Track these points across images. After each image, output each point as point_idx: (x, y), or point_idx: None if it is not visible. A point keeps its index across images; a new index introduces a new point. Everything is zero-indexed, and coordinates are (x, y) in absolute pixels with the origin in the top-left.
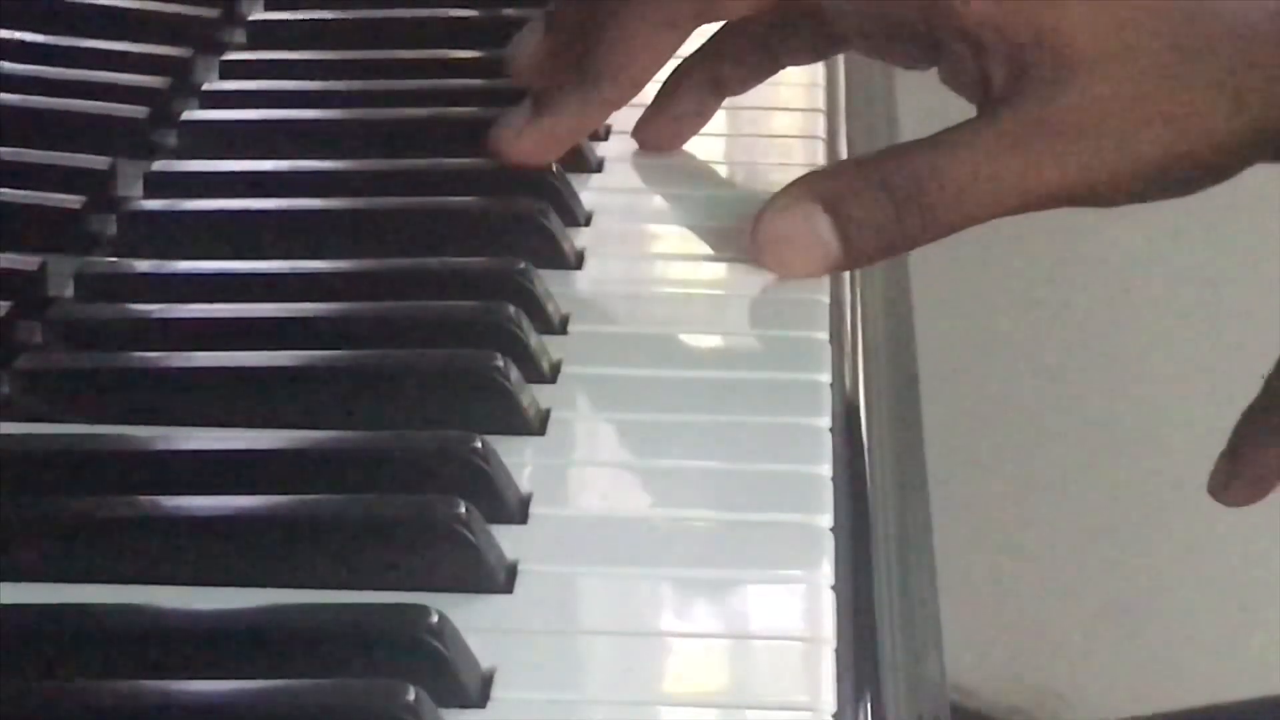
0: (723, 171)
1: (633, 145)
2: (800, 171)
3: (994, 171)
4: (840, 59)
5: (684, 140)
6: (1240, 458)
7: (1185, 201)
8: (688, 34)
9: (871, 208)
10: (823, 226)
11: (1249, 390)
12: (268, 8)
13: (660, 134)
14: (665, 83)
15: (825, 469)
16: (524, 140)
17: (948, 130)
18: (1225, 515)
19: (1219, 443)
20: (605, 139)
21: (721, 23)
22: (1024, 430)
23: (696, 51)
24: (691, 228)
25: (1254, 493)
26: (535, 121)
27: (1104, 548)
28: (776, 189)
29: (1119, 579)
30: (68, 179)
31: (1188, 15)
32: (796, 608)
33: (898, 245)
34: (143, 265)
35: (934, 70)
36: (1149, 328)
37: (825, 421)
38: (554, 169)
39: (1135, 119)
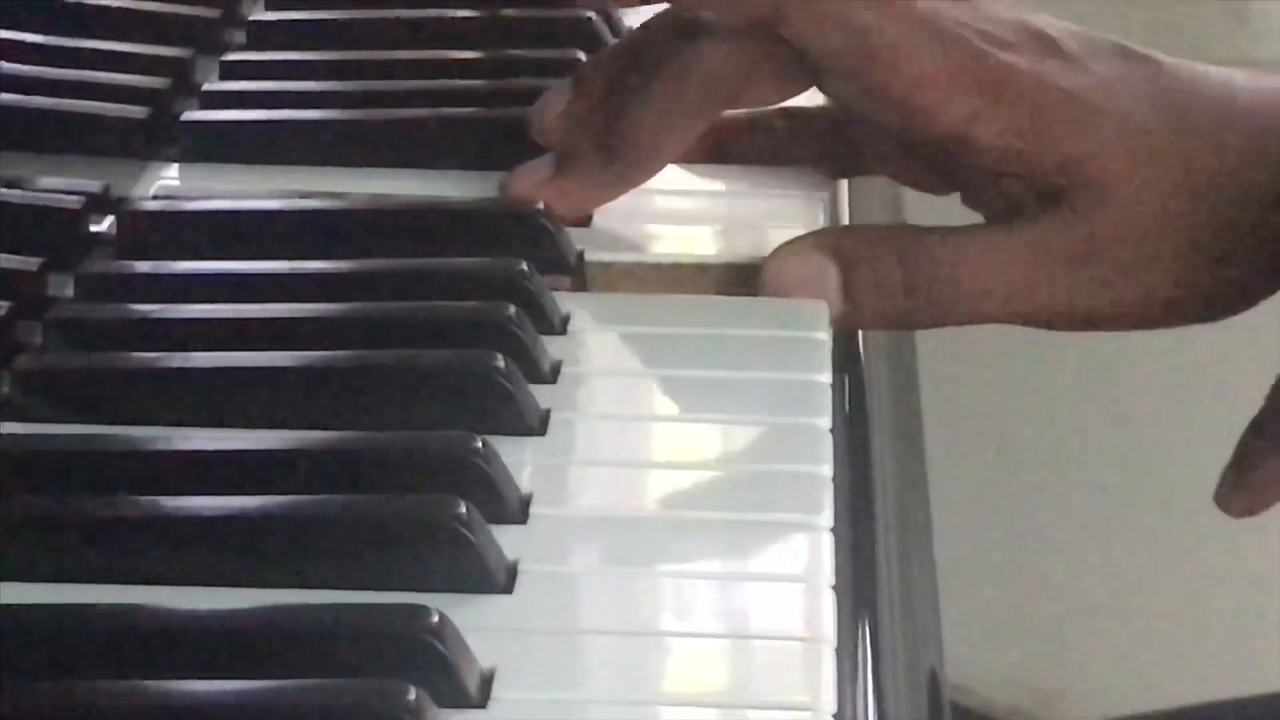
0: (723, 172)
1: None
2: (800, 172)
3: (1010, 278)
4: None
5: None
6: (1245, 469)
7: None
8: (715, 117)
9: (883, 278)
10: (832, 283)
11: (1251, 390)
12: (268, 8)
13: None
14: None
15: (825, 469)
16: (542, 190)
17: (975, 226)
18: (1225, 515)
19: (1219, 443)
20: None
21: None
22: (1024, 430)
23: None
24: (691, 228)
25: (1258, 503)
26: (556, 180)
27: (1104, 548)
28: (777, 188)
29: (1119, 579)
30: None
31: (1200, 151)
32: (796, 608)
33: (894, 321)
34: (143, 265)
35: None
36: None
37: (825, 421)
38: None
39: (1150, 252)
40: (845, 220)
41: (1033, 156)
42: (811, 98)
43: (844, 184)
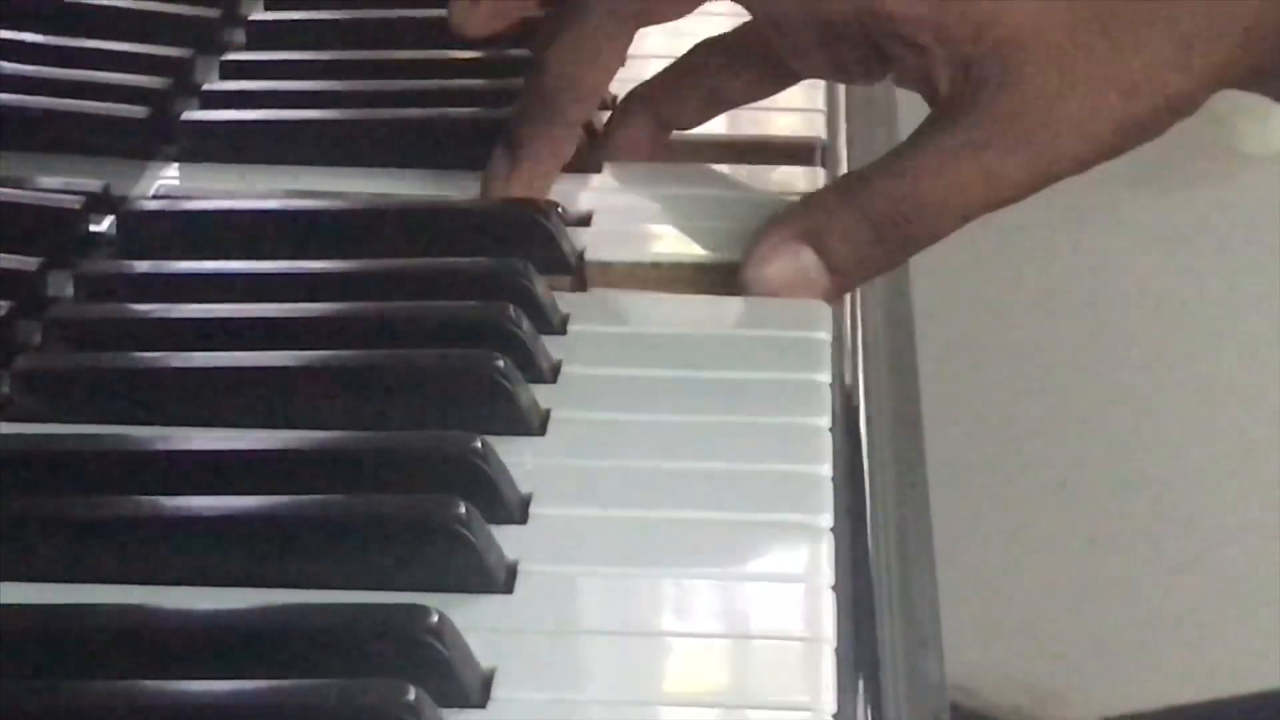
0: (723, 172)
1: None
2: (799, 171)
3: (961, 182)
4: None
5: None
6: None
7: (1188, 203)
8: (629, 40)
9: (854, 238)
10: (810, 264)
11: (1250, 390)
12: (268, 8)
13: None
14: (610, 118)
15: (825, 469)
16: (513, 188)
17: (909, 145)
18: (1225, 514)
19: (1220, 443)
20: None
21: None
22: (1024, 430)
23: (639, 93)
24: (691, 228)
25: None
26: (516, 168)
27: (1104, 548)
28: (777, 188)
29: (1119, 579)
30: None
31: None
32: (796, 608)
33: (884, 267)
34: (143, 265)
35: None
36: (1151, 326)
37: (825, 421)
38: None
39: (1088, 101)
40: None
41: (942, 23)
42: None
43: (841, 168)
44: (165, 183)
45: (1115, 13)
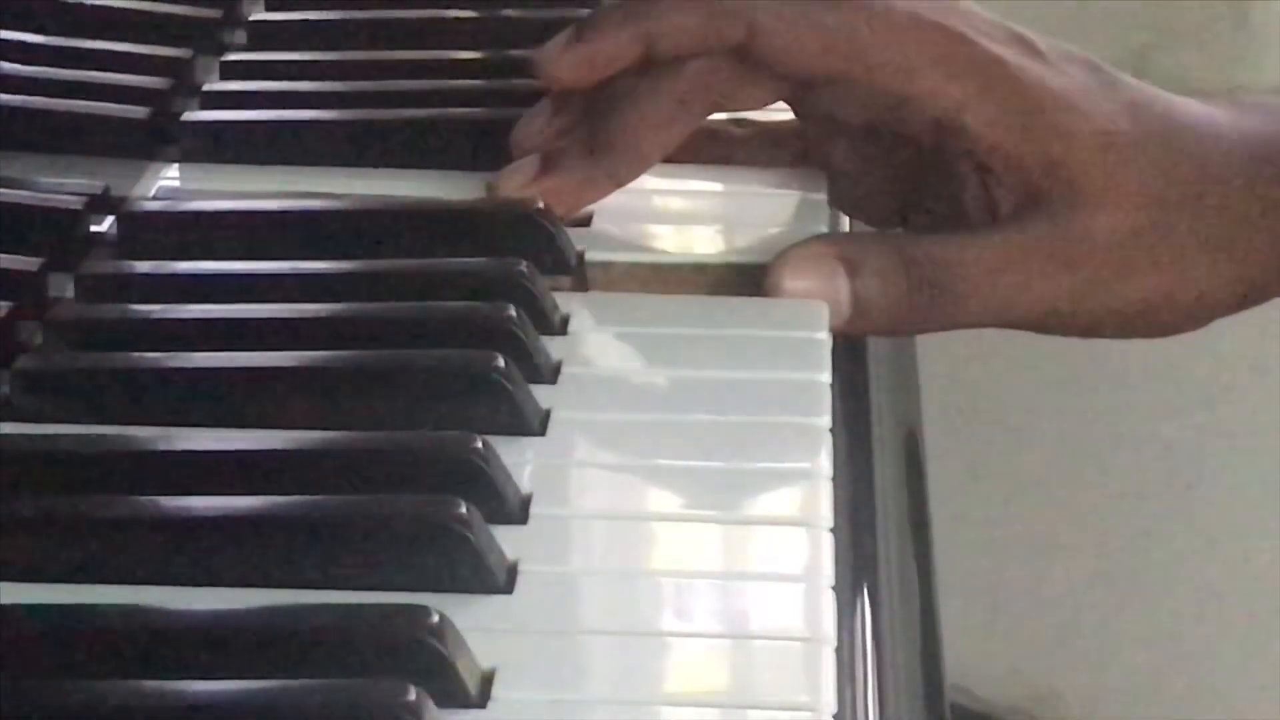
0: (723, 172)
1: None
2: (800, 172)
3: (1004, 280)
4: None
5: None
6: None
7: None
8: (700, 120)
9: (888, 280)
10: (841, 289)
11: (1251, 390)
12: (268, 8)
13: None
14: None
15: (825, 468)
16: (529, 190)
17: (966, 232)
18: (1226, 515)
19: (1220, 443)
20: None
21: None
22: (1024, 430)
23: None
24: (691, 228)
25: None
26: (542, 180)
27: (1104, 548)
28: (777, 188)
29: (1118, 580)
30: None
31: (1176, 164)
32: (796, 608)
33: (899, 323)
34: (143, 265)
35: None
36: None
37: (825, 421)
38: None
39: (1127, 259)
40: (845, 221)
41: (1017, 154)
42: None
43: None
44: (165, 183)
45: (1166, 194)
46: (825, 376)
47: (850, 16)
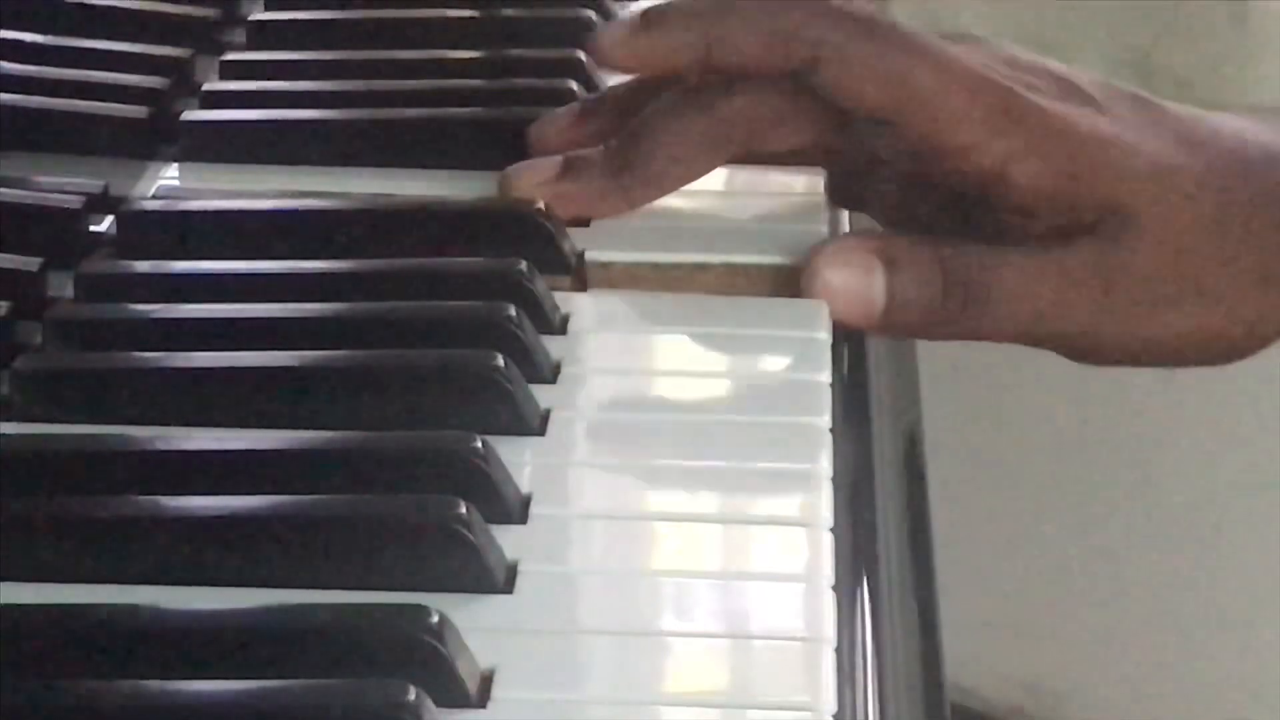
0: (723, 172)
1: None
2: (800, 173)
3: (1041, 294)
4: None
5: None
6: None
7: None
8: (729, 158)
9: (924, 280)
10: (877, 285)
11: (1251, 391)
12: (268, 8)
13: None
14: None
15: (825, 468)
16: (543, 191)
17: (1013, 244)
18: (1227, 515)
19: (1220, 442)
20: None
21: None
22: (1024, 429)
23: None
24: (692, 228)
25: None
26: (560, 183)
27: (1104, 548)
28: (777, 188)
29: (1119, 579)
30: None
31: (1229, 197)
32: (796, 608)
33: (929, 325)
34: (143, 265)
35: None
36: None
37: (825, 421)
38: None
39: (1173, 289)
40: (845, 222)
41: (1067, 198)
42: None
43: None
44: (165, 183)
45: (1219, 222)
46: (825, 376)
47: (916, 61)
